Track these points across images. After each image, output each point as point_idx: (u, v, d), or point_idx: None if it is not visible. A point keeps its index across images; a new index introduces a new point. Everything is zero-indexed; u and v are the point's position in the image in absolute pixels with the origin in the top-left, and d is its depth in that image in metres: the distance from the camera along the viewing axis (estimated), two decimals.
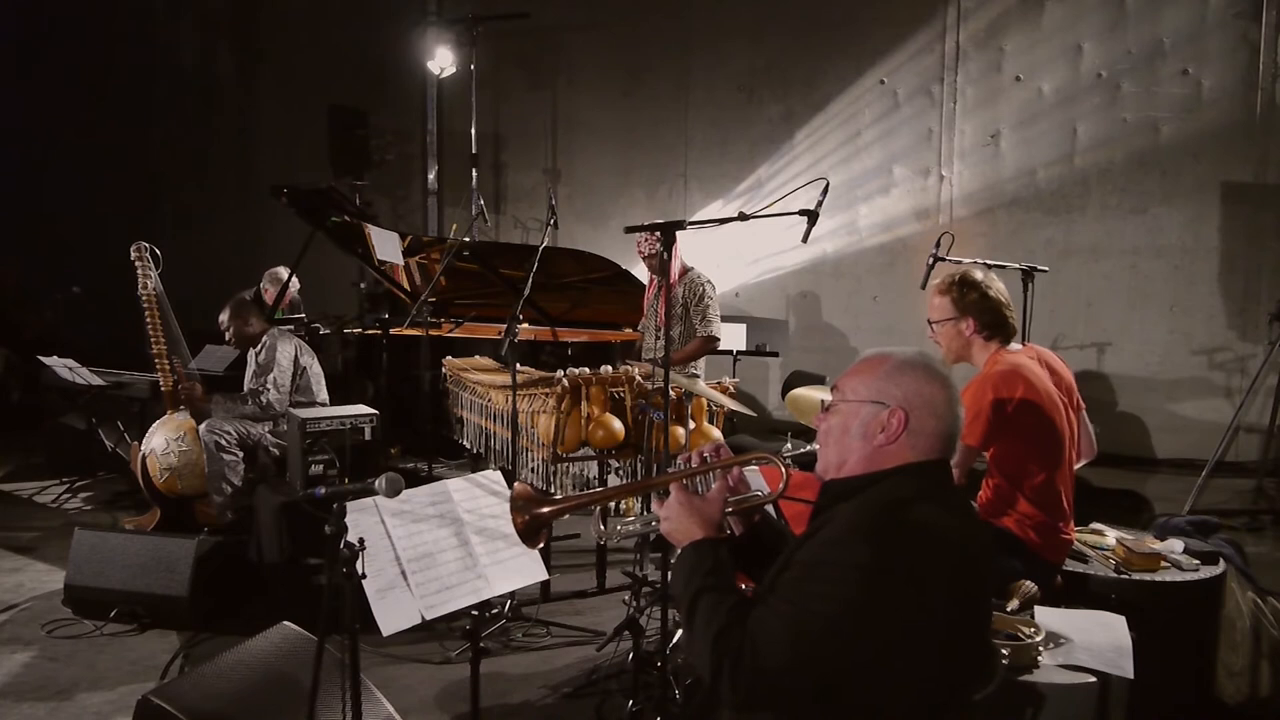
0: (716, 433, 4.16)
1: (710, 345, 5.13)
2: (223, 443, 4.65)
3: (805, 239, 3.10)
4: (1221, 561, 3.12)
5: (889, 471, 1.69)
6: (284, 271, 6.31)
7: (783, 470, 1.87)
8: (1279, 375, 5.99)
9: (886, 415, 1.69)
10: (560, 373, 4.10)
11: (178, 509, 4.82)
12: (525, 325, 5.51)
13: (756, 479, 2.00)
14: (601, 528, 1.93)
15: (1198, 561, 3.06)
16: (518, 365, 4.02)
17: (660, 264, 5.06)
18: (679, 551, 1.75)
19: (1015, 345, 3.11)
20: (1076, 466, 3.18)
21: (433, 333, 6.02)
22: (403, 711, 2.81)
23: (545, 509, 1.89)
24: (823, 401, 1.80)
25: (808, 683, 1.53)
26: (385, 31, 9.23)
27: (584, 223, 8.64)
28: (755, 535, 1.94)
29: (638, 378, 4.13)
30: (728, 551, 1.74)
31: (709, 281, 5.15)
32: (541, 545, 1.93)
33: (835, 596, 1.51)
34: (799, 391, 4.34)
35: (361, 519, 2.41)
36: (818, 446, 1.81)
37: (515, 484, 1.96)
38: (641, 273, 5.50)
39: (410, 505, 2.57)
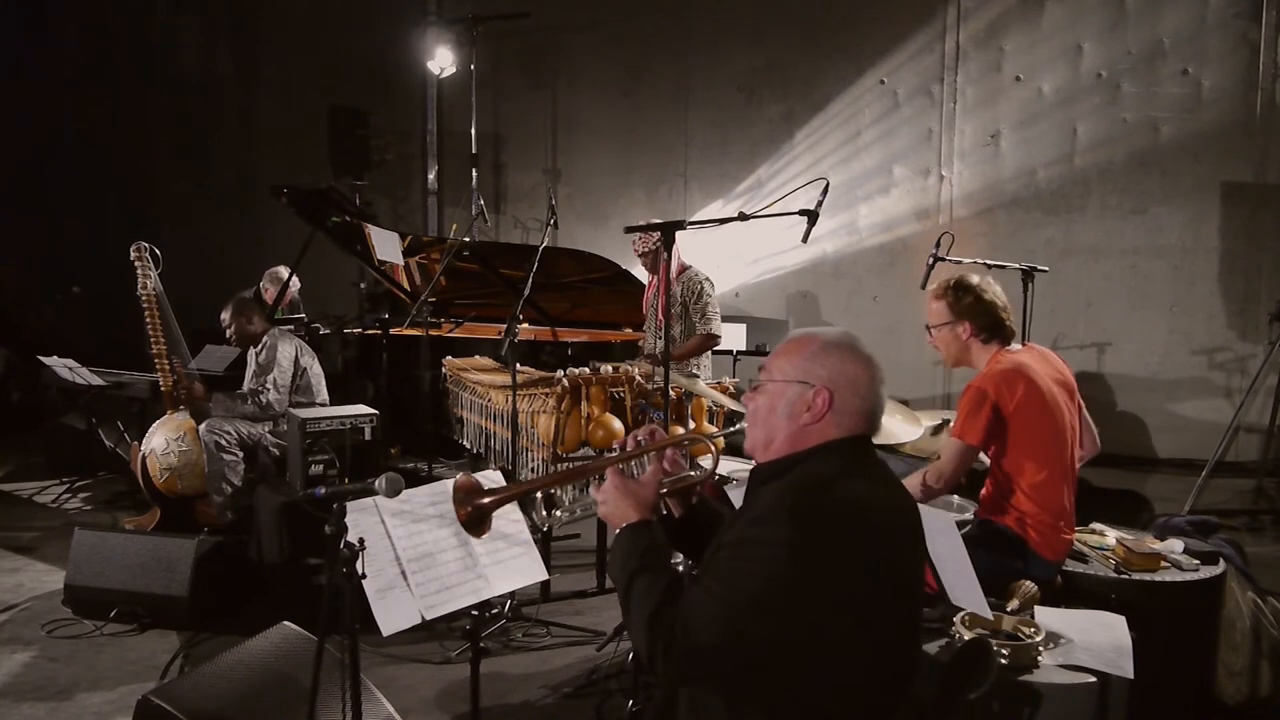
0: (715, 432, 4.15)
1: (710, 343, 5.12)
2: (223, 443, 4.65)
3: (805, 239, 3.10)
4: (1221, 561, 3.12)
5: (813, 450, 1.73)
6: (284, 271, 6.31)
7: (714, 451, 1.94)
8: (1279, 375, 5.99)
9: (812, 395, 1.73)
10: (560, 373, 4.10)
11: (178, 509, 4.82)
12: (525, 325, 5.51)
13: (705, 462, 2.03)
14: (544, 514, 1.98)
15: (1198, 561, 3.05)
16: (518, 365, 4.02)
17: (654, 262, 5.07)
18: (616, 534, 1.78)
19: (1015, 345, 3.11)
20: (1079, 463, 3.19)
21: (433, 333, 6.02)
22: (403, 711, 2.81)
23: (486, 500, 1.93)
24: (750, 380, 1.83)
25: (739, 659, 1.56)
26: (385, 31, 9.22)
27: (584, 223, 8.64)
28: (693, 517, 1.98)
29: (638, 378, 4.13)
30: (663, 533, 1.78)
31: (707, 279, 5.13)
32: (487, 532, 1.96)
33: (761, 574, 1.55)
34: None
35: (361, 519, 2.41)
36: (745, 425, 1.84)
37: (459, 475, 1.99)
38: (642, 272, 5.50)
39: (410, 505, 2.56)
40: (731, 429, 1.97)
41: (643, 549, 1.71)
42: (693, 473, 1.95)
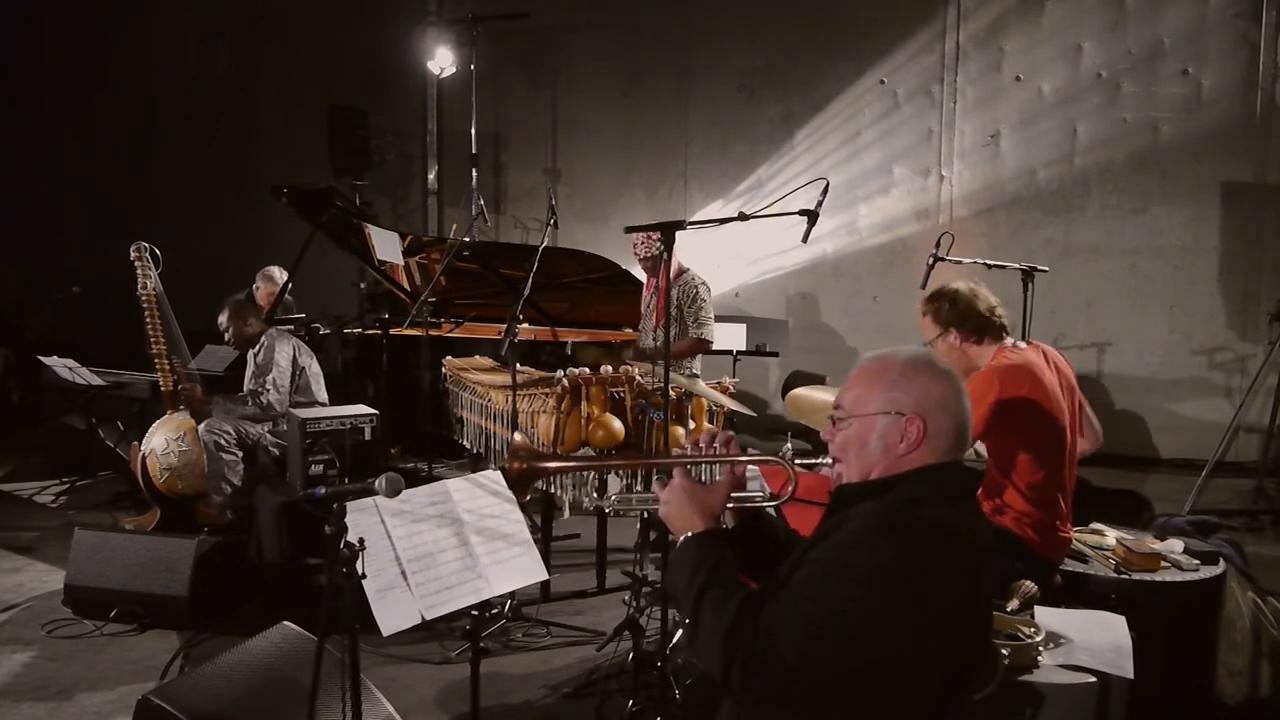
0: None
1: (701, 347, 5.10)
2: (222, 442, 4.65)
3: (805, 239, 3.10)
4: (1221, 561, 3.13)
5: (906, 474, 1.68)
6: (275, 270, 6.31)
7: (791, 475, 1.85)
8: (1279, 375, 5.99)
9: (904, 424, 1.68)
10: (560, 373, 4.10)
11: (178, 509, 4.82)
12: (525, 325, 5.50)
13: (753, 479, 2.00)
14: (595, 496, 1.95)
15: (1198, 561, 3.06)
16: (518, 365, 4.02)
17: (654, 266, 5.06)
18: (679, 542, 1.74)
19: (1020, 343, 3.11)
20: (1082, 453, 3.18)
21: (433, 333, 6.01)
22: (403, 711, 2.81)
23: (547, 464, 1.90)
24: (831, 416, 1.80)
25: (822, 679, 1.53)
26: (385, 31, 9.22)
27: (584, 223, 8.64)
28: (746, 529, 1.93)
29: (638, 378, 4.13)
30: (729, 548, 1.73)
31: (704, 283, 5.11)
32: (528, 495, 1.93)
33: (854, 596, 1.51)
34: (799, 391, 4.33)
35: (361, 519, 2.40)
36: (832, 460, 1.79)
37: (517, 435, 1.96)
38: (642, 273, 5.49)
39: (410, 505, 2.56)
40: (814, 462, 1.93)
41: (712, 562, 1.65)
42: (759, 494, 1.91)
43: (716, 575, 1.63)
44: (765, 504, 1.89)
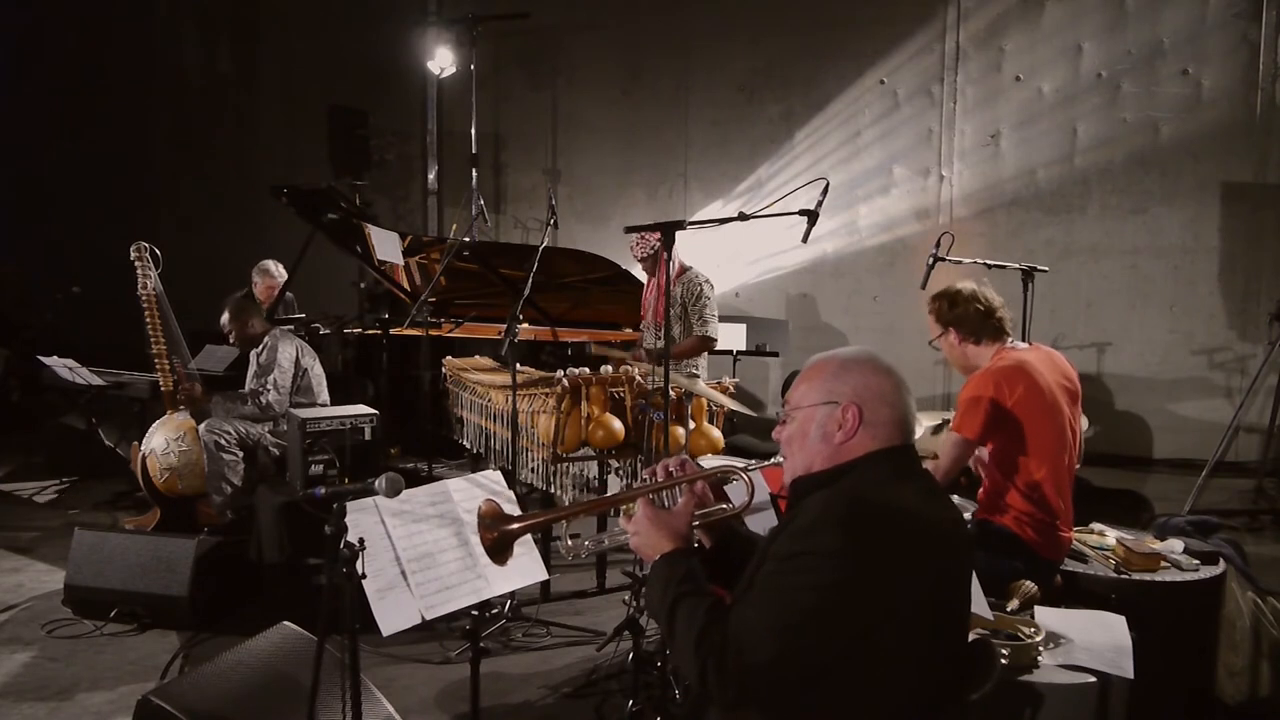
0: (716, 433, 4.16)
1: (706, 345, 5.12)
2: (222, 442, 4.65)
3: (805, 239, 3.11)
4: (1221, 561, 3.13)
5: (855, 461, 1.71)
6: (271, 264, 6.31)
7: (748, 483, 1.90)
8: (1279, 375, 5.99)
9: (840, 412, 1.72)
10: (560, 373, 4.10)
11: (178, 509, 4.82)
12: (525, 325, 5.50)
13: (733, 491, 2.02)
14: (569, 543, 1.98)
15: (1198, 561, 3.06)
16: (518, 365, 4.02)
17: (654, 265, 5.06)
18: (651, 566, 1.77)
19: (1021, 344, 3.12)
20: None
21: (433, 333, 6.01)
22: (403, 711, 2.81)
23: (512, 526, 1.94)
24: (780, 415, 1.83)
25: (793, 673, 1.54)
26: (385, 31, 9.22)
27: (584, 223, 8.64)
28: (725, 547, 1.95)
29: (637, 378, 4.13)
30: (698, 562, 1.76)
31: (707, 281, 5.13)
32: (510, 558, 1.97)
33: (812, 584, 1.53)
34: None
35: (361, 519, 2.41)
36: (782, 458, 1.83)
37: (482, 502, 1.98)
38: (642, 273, 5.49)
39: (410, 505, 2.57)
40: (767, 462, 1.96)
41: (680, 577, 1.68)
42: (725, 505, 1.93)
43: (686, 588, 1.66)
44: (731, 513, 1.91)
